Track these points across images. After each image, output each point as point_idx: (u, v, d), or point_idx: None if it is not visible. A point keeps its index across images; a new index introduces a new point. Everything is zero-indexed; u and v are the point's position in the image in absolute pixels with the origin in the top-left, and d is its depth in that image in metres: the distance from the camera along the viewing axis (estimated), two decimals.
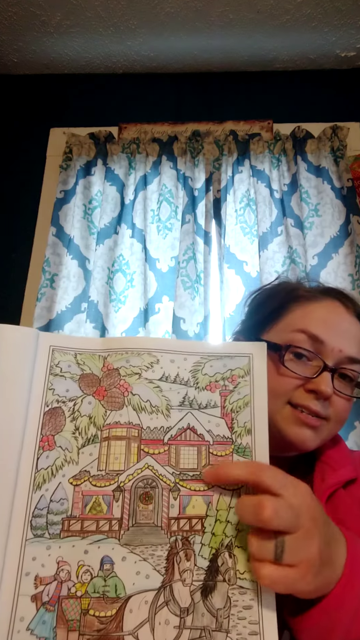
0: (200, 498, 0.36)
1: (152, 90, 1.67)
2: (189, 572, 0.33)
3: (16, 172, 1.59)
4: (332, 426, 0.58)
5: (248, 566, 0.33)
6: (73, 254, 1.36)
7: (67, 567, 0.33)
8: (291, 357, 0.57)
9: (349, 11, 1.46)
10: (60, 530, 0.34)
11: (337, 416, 0.58)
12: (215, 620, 0.32)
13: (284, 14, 1.47)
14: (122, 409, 0.38)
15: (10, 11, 1.49)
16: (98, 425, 0.37)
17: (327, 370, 0.56)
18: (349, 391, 0.58)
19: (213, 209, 1.40)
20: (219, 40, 1.57)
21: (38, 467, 0.35)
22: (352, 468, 0.60)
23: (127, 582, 0.32)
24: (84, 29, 1.54)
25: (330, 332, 0.58)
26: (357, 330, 0.61)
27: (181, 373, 0.40)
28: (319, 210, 1.39)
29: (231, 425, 0.39)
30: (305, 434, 0.56)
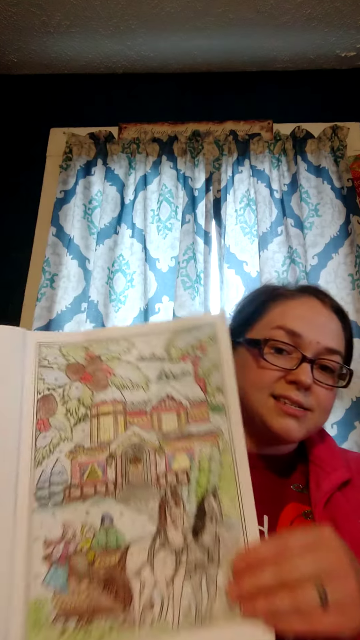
0: (184, 454, 0.41)
1: (152, 90, 1.67)
2: (180, 518, 0.38)
3: (16, 172, 1.59)
4: (317, 417, 0.60)
5: (231, 506, 0.38)
6: (73, 254, 1.36)
7: (72, 529, 0.37)
8: (271, 352, 0.60)
9: (349, 11, 1.46)
10: (63, 498, 0.38)
11: (320, 406, 0.59)
12: (207, 555, 0.37)
13: (284, 14, 1.47)
14: (107, 389, 0.44)
15: (10, 11, 1.49)
16: (87, 405, 0.43)
17: (305, 361, 0.58)
18: (330, 381, 0.60)
19: (213, 209, 1.40)
20: (219, 40, 1.57)
21: (37, 446, 0.40)
22: (345, 469, 0.61)
23: (127, 532, 0.37)
24: (84, 29, 1.54)
25: (307, 325, 0.61)
26: (334, 323, 0.63)
27: (156, 351, 0.46)
28: (319, 210, 1.39)
29: (205, 388, 0.44)
30: (289, 424, 0.58)
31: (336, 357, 0.61)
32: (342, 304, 1.31)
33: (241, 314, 0.69)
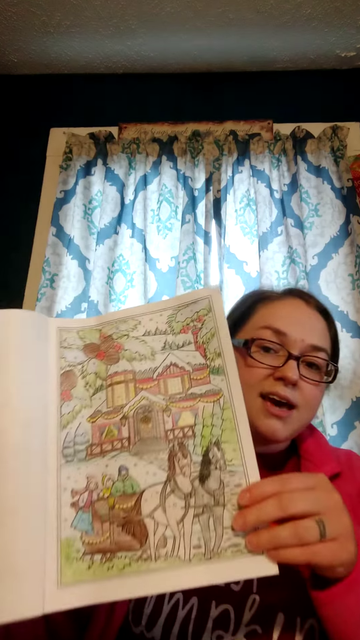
0: (188, 412, 0.47)
1: (152, 90, 1.67)
2: (187, 466, 0.43)
3: (16, 172, 1.59)
4: (303, 414, 0.62)
5: (233, 454, 0.44)
6: (73, 254, 1.37)
7: (94, 480, 0.43)
8: (259, 351, 0.63)
9: (349, 11, 1.46)
10: (85, 455, 0.44)
11: (306, 403, 0.61)
12: (213, 498, 0.42)
13: (284, 14, 1.47)
14: (119, 362, 0.50)
15: (10, 11, 1.49)
16: (102, 377, 0.49)
17: (292, 358, 0.60)
18: (317, 377, 0.62)
19: (213, 209, 1.40)
20: (219, 40, 1.57)
21: (62, 413, 0.46)
22: (335, 464, 0.63)
23: (141, 480, 0.43)
24: (84, 29, 1.54)
25: (292, 324, 0.64)
26: (319, 322, 0.66)
27: (160, 326, 0.52)
28: (319, 210, 1.39)
29: (204, 354, 0.50)
30: (273, 425, 0.60)
31: (321, 354, 0.63)
32: (342, 304, 1.32)
33: (231, 318, 0.72)
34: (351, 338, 1.25)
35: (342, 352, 1.22)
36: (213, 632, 0.48)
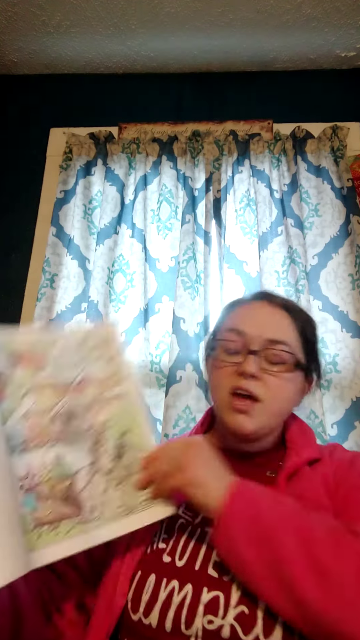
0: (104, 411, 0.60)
1: (152, 90, 1.67)
2: (106, 451, 0.58)
3: (16, 172, 1.59)
4: (269, 406, 0.66)
5: (138, 438, 0.60)
6: (73, 254, 1.37)
7: (35, 467, 0.53)
8: (224, 352, 0.69)
9: (349, 11, 1.46)
10: (25, 447, 0.53)
11: (270, 394, 0.65)
12: (128, 471, 0.58)
13: (284, 14, 1.47)
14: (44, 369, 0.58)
15: (10, 11, 1.49)
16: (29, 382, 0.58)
17: (250, 353, 0.66)
18: (281, 369, 0.66)
19: (213, 209, 1.40)
20: (219, 40, 1.57)
21: (3, 408, 0.54)
22: (315, 450, 0.68)
23: (72, 465, 0.55)
24: (84, 29, 1.54)
25: (251, 323, 0.69)
26: (280, 317, 0.71)
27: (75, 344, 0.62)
28: (319, 210, 1.39)
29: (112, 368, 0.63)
30: (238, 419, 0.65)
31: (280, 346, 0.67)
32: (342, 304, 1.32)
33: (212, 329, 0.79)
34: (351, 338, 1.25)
35: (342, 352, 1.23)
36: (204, 616, 0.51)
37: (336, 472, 0.64)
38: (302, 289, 1.25)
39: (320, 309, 1.29)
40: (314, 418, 1.11)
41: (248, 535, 0.50)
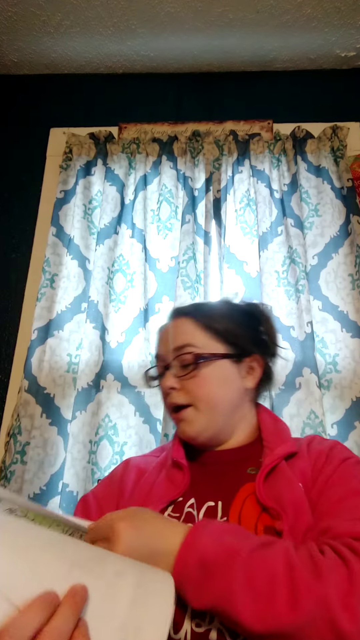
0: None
1: (152, 90, 1.67)
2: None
3: (16, 172, 1.59)
4: (201, 406, 0.70)
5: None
6: (73, 254, 1.36)
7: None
8: (158, 377, 0.76)
9: (349, 11, 1.46)
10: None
11: (195, 395, 0.70)
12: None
13: (284, 14, 1.47)
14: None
15: (10, 11, 1.49)
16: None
17: (164, 370, 0.73)
18: (189, 370, 0.70)
19: (213, 209, 1.40)
20: (219, 40, 1.57)
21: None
22: (291, 445, 0.68)
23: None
24: (84, 29, 1.54)
25: (162, 344, 0.76)
26: (180, 324, 0.75)
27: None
28: (319, 210, 1.39)
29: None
30: (181, 427, 0.71)
31: (185, 349, 0.71)
32: (342, 304, 1.31)
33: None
34: (351, 338, 1.25)
35: (342, 352, 1.23)
36: (192, 621, 0.52)
37: (314, 465, 0.65)
38: (302, 289, 1.25)
39: (320, 309, 1.29)
40: (314, 418, 1.11)
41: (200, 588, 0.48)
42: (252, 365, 0.75)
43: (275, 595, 0.45)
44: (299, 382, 1.16)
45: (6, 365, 1.35)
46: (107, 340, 1.26)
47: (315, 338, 1.24)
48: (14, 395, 1.29)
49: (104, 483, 0.77)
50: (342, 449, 0.69)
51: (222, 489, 0.65)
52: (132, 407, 1.20)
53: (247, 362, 0.75)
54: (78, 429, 1.14)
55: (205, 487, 0.67)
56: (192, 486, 0.67)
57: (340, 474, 0.62)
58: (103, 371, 1.22)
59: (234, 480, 0.66)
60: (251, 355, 0.75)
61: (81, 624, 0.37)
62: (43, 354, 1.24)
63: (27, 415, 1.17)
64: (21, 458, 1.13)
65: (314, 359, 1.18)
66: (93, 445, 1.14)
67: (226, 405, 0.71)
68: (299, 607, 0.44)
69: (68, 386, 1.23)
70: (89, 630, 0.37)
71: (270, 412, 0.80)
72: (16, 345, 1.37)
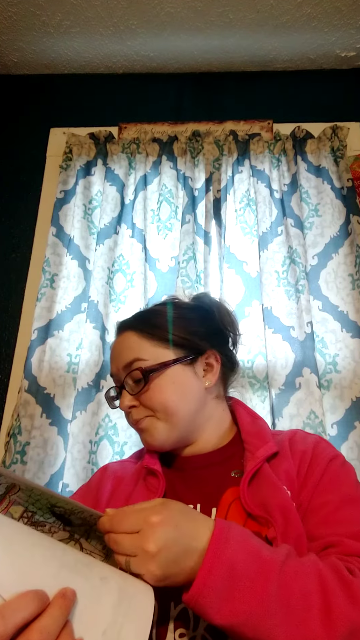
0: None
1: (152, 90, 1.67)
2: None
3: (16, 172, 1.59)
4: (162, 415, 0.68)
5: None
6: (73, 254, 1.36)
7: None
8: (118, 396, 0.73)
9: (349, 11, 1.46)
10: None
11: (153, 407, 0.68)
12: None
13: (284, 14, 1.47)
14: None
15: (10, 11, 1.49)
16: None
17: (121, 389, 0.70)
18: (141, 385, 0.68)
19: (213, 209, 1.40)
20: (219, 40, 1.57)
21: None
22: (272, 444, 0.67)
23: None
24: (84, 29, 1.54)
25: (112, 363, 0.74)
26: (124, 339, 0.73)
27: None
28: (319, 210, 1.39)
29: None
30: (143, 438, 0.70)
31: (134, 365, 0.69)
32: (342, 304, 1.31)
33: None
34: (351, 338, 1.25)
35: (342, 352, 1.23)
36: (175, 631, 0.51)
37: (300, 466, 0.63)
38: (302, 289, 1.25)
39: (320, 309, 1.29)
40: (314, 418, 1.11)
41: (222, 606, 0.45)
42: (208, 362, 0.73)
43: (310, 617, 0.43)
44: (299, 382, 1.16)
45: (6, 365, 1.35)
46: (107, 340, 1.26)
47: (315, 338, 1.24)
48: (14, 395, 1.29)
49: (81, 490, 0.76)
50: (325, 445, 0.67)
51: (205, 494, 0.64)
52: None
53: (201, 360, 0.72)
54: (78, 429, 1.14)
55: (185, 493, 0.65)
56: (172, 493, 0.66)
57: (331, 477, 0.61)
58: (103, 371, 1.22)
59: (216, 484, 0.65)
60: (205, 352, 0.73)
61: (68, 625, 0.37)
62: (43, 354, 1.24)
63: (27, 415, 1.17)
64: (21, 458, 1.13)
65: (314, 359, 1.18)
66: (93, 445, 1.14)
67: (185, 411, 0.68)
68: (334, 631, 0.42)
69: (68, 386, 1.23)
70: (73, 632, 0.38)
71: (245, 407, 0.77)
72: (16, 345, 1.37)
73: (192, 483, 0.67)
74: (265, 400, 1.18)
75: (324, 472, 0.62)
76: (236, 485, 0.63)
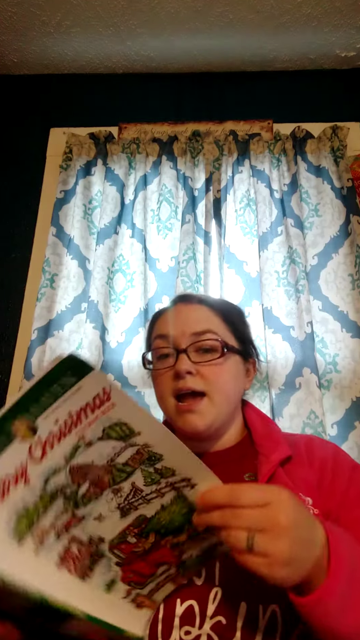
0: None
1: (152, 90, 1.67)
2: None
3: (16, 172, 1.59)
4: (215, 398, 0.65)
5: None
6: (73, 254, 1.36)
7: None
8: (158, 360, 0.70)
9: (349, 11, 1.46)
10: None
11: (212, 384, 0.65)
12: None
13: (284, 14, 1.47)
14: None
15: (10, 11, 1.49)
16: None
17: (179, 352, 0.66)
18: (215, 356, 0.66)
19: (213, 209, 1.40)
20: (219, 40, 1.57)
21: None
22: (285, 448, 0.65)
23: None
24: (84, 29, 1.54)
25: (172, 325, 0.70)
26: (199, 310, 0.71)
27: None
28: (319, 210, 1.39)
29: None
30: (189, 419, 0.64)
31: (207, 335, 0.67)
32: (342, 304, 1.31)
33: (145, 341, 0.80)
34: (351, 338, 1.25)
35: (342, 352, 1.23)
36: (181, 628, 0.50)
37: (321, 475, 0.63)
38: (302, 289, 1.25)
39: (320, 309, 1.29)
40: (314, 418, 1.11)
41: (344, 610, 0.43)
42: (248, 367, 0.75)
43: None
44: (299, 382, 1.16)
45: (6, 365, 1.35)
46: (107, 340, 1.26)
47: (315, 338, 1.24)
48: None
49: None
50: (345, 454, 0.68)
51: None
52: None
53: (248, 364, 0.75)
54: None
55: None
56: None
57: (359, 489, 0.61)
58: (103, 371, 1.22)
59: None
60: (251, 357, 0.76)
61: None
62: (43, 354, 1.24)
63: None
64: None
65: (314, 359, 1.18)
66: None
67: (234, 401, 0.70)
68: None
69: None
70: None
71: (256, 410, 0.77)
72: (16, 345, 1.37)
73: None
74: (265, 400, 1.18)
75: (350, 482, 0.61)
76: None
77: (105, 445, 0.42)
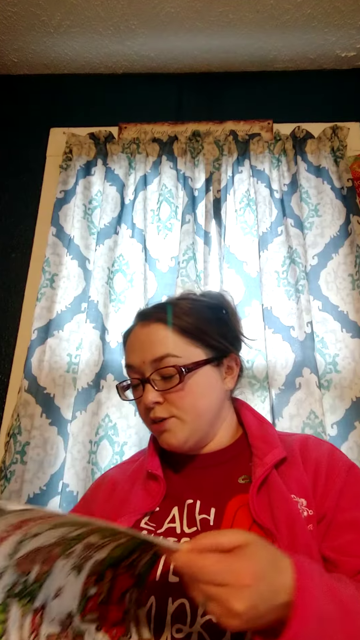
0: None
1: (152, 90, 1.67)
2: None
3: (16, 172, 1.59)
4: (184, 416, 0.66)
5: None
6: (73, 254, 1.36)
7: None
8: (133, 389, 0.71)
9: (349, 11, 1.46)
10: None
11: (181, 408, 0.66)
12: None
13: (284, 14, 1.47)
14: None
15: (10, 11, 1.49)
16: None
17: (144, 383, 0.67)
18: (174, 383, 0.65)
19: (213, 209, 1.40)
20: (219, 40, 1.57)
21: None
22: (279, 449, 0.65)
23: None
24: (84, 29, 1.54)
25: (133, 353, 0.70)
26: (154, 331, 0.69)
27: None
28: (319, 210, 1.39)
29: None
30: (164, 438, 0.67)
31: (165, 362, 0.66)
32: (342, 304, 1.31)
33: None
34: (351, 338, 1.25)
35: (342, 352, 1.23)
36: (172, 626, 0.51)
37: (316, 476, 0.62)
38: (302, 289, 1.25)
39: (320, 309, 1.29)
40: (314, 418, 1.11)
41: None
42: (229, 364, 0.73)
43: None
44: (299, 382, 1.16)
45: (6, 365, 1.35)
46: (107, 340, 1.26)
47: (315, 338, 1.24)
48: (14, 395, 1.29)
49: (79, 505, 0.75)
50: (340, 454, 0.67)
51: (206, 492, 0.63)
52: (132, 407, 1.20)
53: (225, 362, 0.72)
54: (78, 429, 1.14)
55: (186, 491, 0.65)
56: (172, 495, 0.65)
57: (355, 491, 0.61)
58: (103, 371, 1.22)
59: (219, 484, 0.64)
60: (229, 355, 0.72)
61: None
62: (43, 354, 1.24)
63: (27, 415, 1.17)
64: (21, 458, 1.13)
65: (314, 359, 1.18)
66: (93, 445, 1.14)
67: (210, 412, 0.68)
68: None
69: (68, 386, 1.23)
70: None
71: (250, 409, 0.76)
72: (16, 345, 1.37)
73: (193, 481, 0.67)
74: (265, 400, 1.18)
75: (345, 483, 0.61)
76: (243, 493, 0.62)
77: (55, 531, 0.40)
